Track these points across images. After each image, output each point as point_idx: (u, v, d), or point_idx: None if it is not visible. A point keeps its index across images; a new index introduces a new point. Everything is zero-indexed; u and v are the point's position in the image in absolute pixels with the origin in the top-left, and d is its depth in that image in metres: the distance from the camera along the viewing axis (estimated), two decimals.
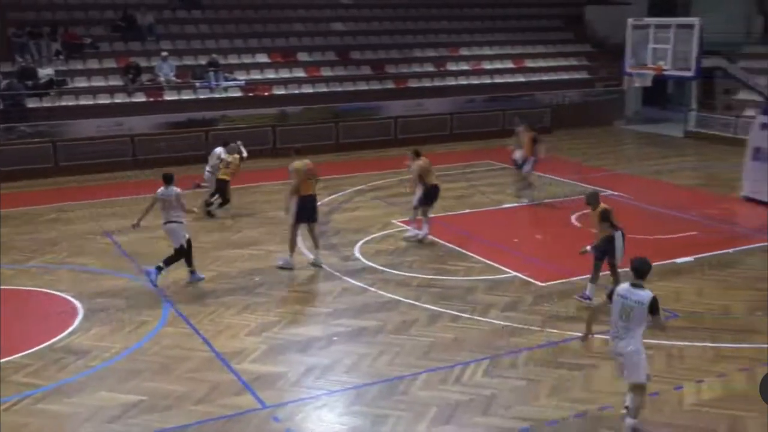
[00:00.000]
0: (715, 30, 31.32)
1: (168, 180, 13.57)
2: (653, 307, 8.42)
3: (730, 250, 15.65)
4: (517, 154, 19.67)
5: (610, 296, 8.77)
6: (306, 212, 14.60)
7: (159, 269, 13.64)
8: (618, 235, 12.41)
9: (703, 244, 15.99)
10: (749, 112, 27.45)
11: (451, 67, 31.87)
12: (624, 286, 8.66)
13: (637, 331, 8.55)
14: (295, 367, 10.67)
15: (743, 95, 29.04)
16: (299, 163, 14.53)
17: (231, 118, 26.42)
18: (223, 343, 11.46)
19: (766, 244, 16.03)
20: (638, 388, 8.76)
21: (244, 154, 19.31)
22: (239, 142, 19.66)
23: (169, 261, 13.78)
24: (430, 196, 16.24)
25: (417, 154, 16.38)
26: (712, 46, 28.18)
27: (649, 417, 9.27)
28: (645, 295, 8.45)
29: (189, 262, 13.98)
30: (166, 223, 13.67)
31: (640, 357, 8.61)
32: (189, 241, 13.87)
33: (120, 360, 10.92)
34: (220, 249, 15.96)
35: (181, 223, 13.69)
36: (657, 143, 28.96)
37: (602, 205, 12.60)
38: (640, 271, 8.59)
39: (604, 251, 12.50)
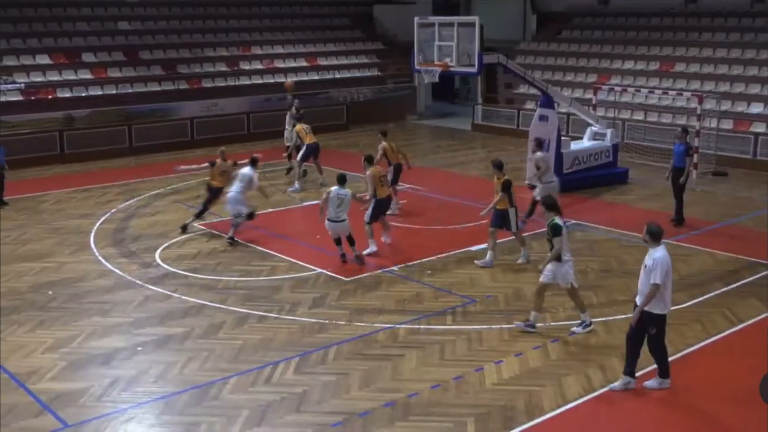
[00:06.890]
0: (495, 28, 33.28)
1: None
2: None
3: None
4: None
5: None
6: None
7: None
8: (512, 211, 14.49)
9: None
10: (529, 105, 29.26)
11: (245, 66, 31.65)
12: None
13: None
14: (98, 381, 10.26)
15: (523, 89, 30.91)
16: (375, 170, 15.59)
17: (11, 123, 24.78)
18: (17, 363, 10.79)
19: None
20: None
21: None
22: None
23: None
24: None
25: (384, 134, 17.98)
26: (492, 43, 29.90)
27: (453, 400, 9.73)
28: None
29: None
30: None
31: None
32: None
33: None
34: (6, 263, 14.97)
35: None
36: (447, 136, 30.18)
37: (506, 176, 14.57)
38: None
39: (500, 224, 14.61)
